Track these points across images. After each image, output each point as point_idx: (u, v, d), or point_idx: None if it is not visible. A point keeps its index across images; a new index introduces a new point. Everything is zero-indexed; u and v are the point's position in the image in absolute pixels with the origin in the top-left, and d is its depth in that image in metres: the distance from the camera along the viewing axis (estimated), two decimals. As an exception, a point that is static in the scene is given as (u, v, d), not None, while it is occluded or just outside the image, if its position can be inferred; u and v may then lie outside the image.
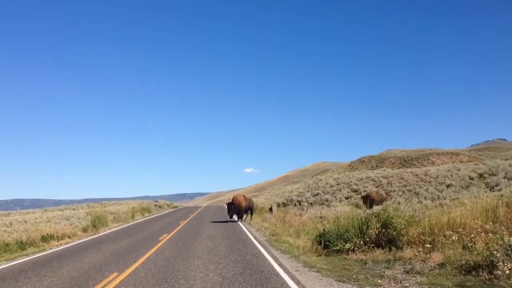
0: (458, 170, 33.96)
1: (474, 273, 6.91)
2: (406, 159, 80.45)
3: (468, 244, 8.19)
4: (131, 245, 13.56)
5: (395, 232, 9.88)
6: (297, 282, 7.40)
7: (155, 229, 19.94)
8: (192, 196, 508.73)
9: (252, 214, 24.76)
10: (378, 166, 76.14)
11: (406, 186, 32.26)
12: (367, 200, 25.67)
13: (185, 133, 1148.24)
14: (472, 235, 8.40)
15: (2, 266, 10.63)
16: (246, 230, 17.67)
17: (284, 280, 7.52)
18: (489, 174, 29.67)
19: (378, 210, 11.66)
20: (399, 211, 10.64)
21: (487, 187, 26.24)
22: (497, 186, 25.51)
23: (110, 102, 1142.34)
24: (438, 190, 27.58)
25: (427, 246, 8.73)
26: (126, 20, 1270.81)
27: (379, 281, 7.24)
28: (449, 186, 28.49)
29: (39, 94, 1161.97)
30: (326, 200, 33.42)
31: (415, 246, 9.20)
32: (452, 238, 8.59)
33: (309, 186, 44.08)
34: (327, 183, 41.06)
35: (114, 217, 29.21)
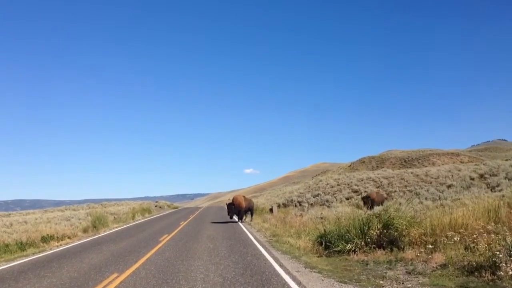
0: (459, 170, 33.92)
1: (476, 274, 6.86)
2: (407, 160, 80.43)
3: (470, 244, 8.14)
4: (132, 245, 13.52)
5: (397, 232, 9.83)
6: (298, 283, 7.35)
7: (156, 229, 19.91)
8: (192, 196, 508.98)
9: (252, 214, 24.73)
10: (378, 166, 76.14)
11: (406, 186, 32.22)
12: (368, 200, 25.61)
13: (185, 133, 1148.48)
14: (474, 236, 8.34)
15: (1, 267, 10.60)
16: (247, 231, 17.62)
17: (285, 281, 7.46)
18: (490, 175, 29.64)
19: (379, 210, 11.63)
20: (401, 212, 10.59)
21: (488, 188, 26.22)
22: (498, 187, 25.49)
23: (110, 102, 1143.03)
24: (439, 190, 27.54)
25: (429, 246, 8.68)
26: (126, 20, 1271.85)
27: (381, 282, 7.20)
28: (450, 187, 28.44)
29: (39, 94, 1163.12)
30: (327, 200, 33.38)
31: (417, 246, 9.14)
32: (454, 238, 8.54)
33: (309, 187, 44.03)
34: (328, 184, 41.01)
35: (115, 217, 29.20)
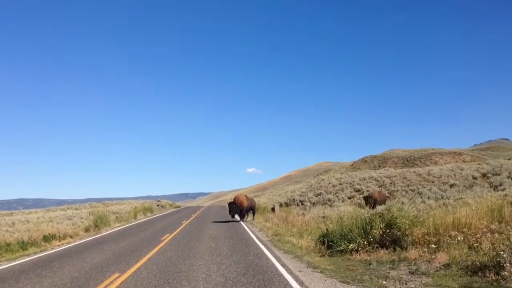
0: (461, 169, 33.81)
1: (480, 274, 6.81)
2: (409, 159, 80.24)
3: (473, 244, 8.09)
4: (133, 245, 13.50)
5: (400, 232, 9.77)
6: (300, 283, 7.30)
7: (157, 229, 19.89)
8: (194, 196, 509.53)
9: (254, 214, 24.68)
10: (380, 166, 75.97)
11: (409, 186, 32.12)
12: (370, 200, 25.49)
13: (187, 133, 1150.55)
14: (477, 235, 8.29)
15: (3, 267, 10.58)
16: (249, 230, 17.58)
17: (287, 281, 7.41)
18: (492, 174, 29.53)
19: (382, 210, 11.56)
20: (403, 211, 10.53)
21: (491, 187, 26.13)
22: (500, 186, 25.41)
23: (112, 102, 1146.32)
24: (441, 190, 27.45)
25: (432, 246, 8.62)
26: (126, 20, 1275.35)
27: (384, 282, 7.14)
28: (452, 186, 28.35)
29: (41, 94, 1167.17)
30: (329, 200, 33.31)
31: (420, 246, 9.08)
32: (457, 238, 8.49)
33: (311, 186, 43.95)
34: (330, 183, 40.92)
35: (117, 216, 29.18)
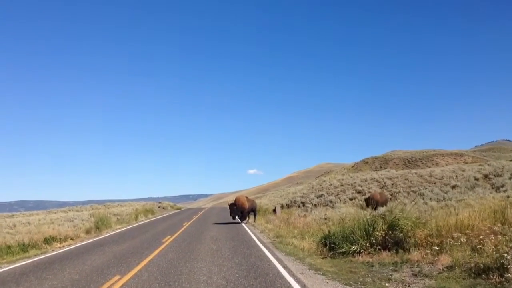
0: (463, 171, 33.72)
1: (484, 276, 6.75)
2: (410, 160, 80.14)
3: (476, 246, 8.03)
4: (134, 247, 13.45)
5: (402, 234, 9.71)
6: (302, 285, 7.25)
7: (159, 230, 19.85)
8: (195, 197, 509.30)
9: (255, 215, 24.64)
10: (382, 167, 75.90)
11: (410, 187, 32.04)
12: (371, 201, 25.39)
13: (188, 134, 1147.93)
14: (480, 237, 8.23)
15: (3, 269, 10.54)
16: (250, 232, 17.53)
17: (289, 283, 7.36)
18: (494, 175, 29.48)
19: (384, 211, 11.52)
20: (405, 213, 10.50)
21: (493, 188, 26.09)
22: (502, 187, 25.37)
23: (113, 103, 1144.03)
24: (443, 191, 27.39)
25: (435, 248, 8.56)
26: (126, 20, 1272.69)
27: (387, 284, 7.09)
28: (454, 187, 28.28)
29: (41, 94, 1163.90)
30: (330, 201, 33.24)
31: (423, 248, 9.02)
32: (460, 240, 8.43)
33: (313, 187, 43.90)
34: (331, 184, 40.86)
35: (118, 218, 29.13)
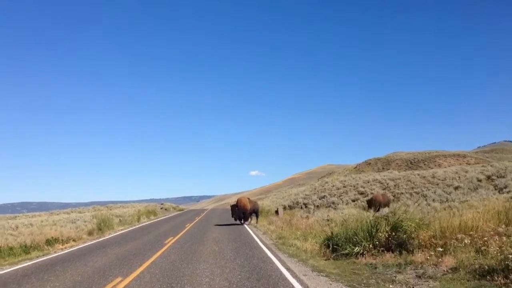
0: (466, 172, 33.59)
1: (488, 277, 6.70)
2: (413, 161, 79.91)
3: (481, 247, 7.98)
4: (136, 248, 13.42)
5: (405, 235, 9.64)
6: (306, 287, 7.20)
7: (161, 232, 19.82)
8: (198, 198, 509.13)
9: (257, 216, 24.59)
10: (384, 168, 75.72)
11: (413, 188, 31.94)
12: (374, 202, 25.31)
13: (190, 135, 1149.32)
14: (485, 238, 8.18)
15: (5, 271, 10.51)
16: (252, 233, 17.48)
17: (292, 285, 7.31)
18: (497, 176, 29.35)
19: (387, 212, 11.45)
20: (409, 214, 10.43)
21: (496, 189, 25.98)
22: (506, 188, 25.24)
23: (115, 105, 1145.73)
24: (446, 192, 27.28)
25: (439, 249, 8.48)
26: (126, 23, 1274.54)
27: (391, 286, 7.03)
28: (457, 188, 28.17)
29: (44, 97, 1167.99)
30: (333, 202, 33.18)
31: (426, 249, 8.95)
32: (464, 241, 8.37)
33: (315, 189, 43.84)
34: (334, 186, 40.80)
35: (120, 220, 29.11)
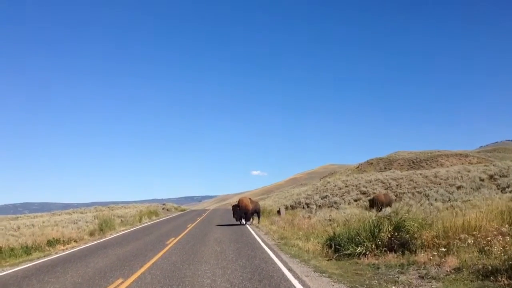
0: (468, 171, 33.50)
1: (492, 278, 6.62)
2: (415, 161, 79.67)
3: (484, 247, 7.90)
4: (138, 249, 13.39)
5: (408, 235, 9.57)
6: (307, 288, 7.14)
7: (162, 232, 19.79)
8: (199, 199, 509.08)
9: (259, 217, 24.56)
10: (386, 168, 75.53)
11: (415, 188, 31.86)
12: (376, 202, 25.23)
13: (192, 136, 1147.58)
14: (488, 238, 8.10)
15: (5, 272, 10.49)
16: (254, 234, 17.43)
17: (294, 286, 7.25)
18: (499, 176, 29.27)
19: (390, 212, 11.39)
20: (411, 214, 10.36)
21: (498, 189, 25.91)
22: (508, 188, 25.18)
23: (116, 105, 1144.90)
24: (448, 192, 27.20)
25: (442, 249, 8.40)
26: (126, 23, 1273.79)
27: (393, 287, 6.96)
28: (459, 188, 28.09)
29: (45, 97, 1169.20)
30: (335, 202, 33.12)
31: (429, 249, 8.87)
32: (467, 241, 8.29)
33: (317, 189, 43.76)
34: (336, 186, 40.72)
35: (122, 220, 29.11)
